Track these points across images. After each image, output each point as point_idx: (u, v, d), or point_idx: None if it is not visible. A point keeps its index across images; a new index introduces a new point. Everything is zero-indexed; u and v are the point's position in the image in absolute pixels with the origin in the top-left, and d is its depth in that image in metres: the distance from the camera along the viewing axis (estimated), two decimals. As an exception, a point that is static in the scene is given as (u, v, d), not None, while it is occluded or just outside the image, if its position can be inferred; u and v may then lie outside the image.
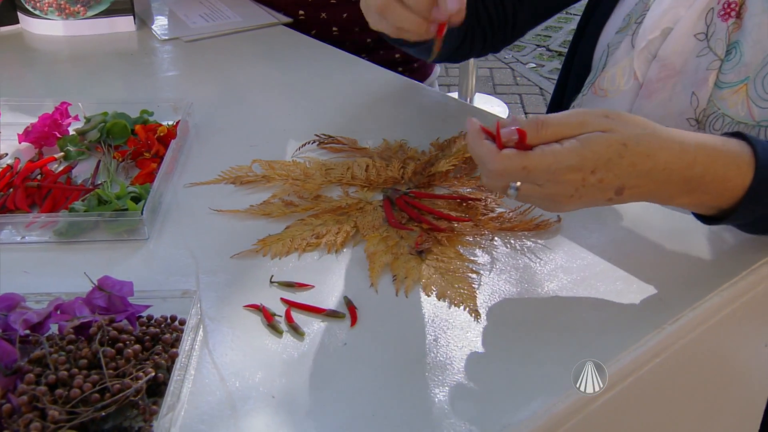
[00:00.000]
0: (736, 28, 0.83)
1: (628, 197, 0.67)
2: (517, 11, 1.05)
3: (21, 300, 0.63)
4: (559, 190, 0.65)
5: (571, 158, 0.64)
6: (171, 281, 0.71)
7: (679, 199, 0.69)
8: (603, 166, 0.64)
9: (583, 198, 0.66)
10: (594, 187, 0.65)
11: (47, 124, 0.89)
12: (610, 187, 0.65)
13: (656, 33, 0.87)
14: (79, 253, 0.75)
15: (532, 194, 0.66)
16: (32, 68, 1.20)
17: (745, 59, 0.82)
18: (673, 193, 0.68)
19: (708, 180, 0.67)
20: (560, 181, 0.64)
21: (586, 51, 0.99)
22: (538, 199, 0.68)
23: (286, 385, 0.59)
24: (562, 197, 0.66)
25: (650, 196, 0.68)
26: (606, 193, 0.66)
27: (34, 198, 0.81)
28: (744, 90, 0.82)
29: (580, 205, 0.67)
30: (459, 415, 0.56)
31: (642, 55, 0.88)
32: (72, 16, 1.27)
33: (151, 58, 1.23)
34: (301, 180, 0.86)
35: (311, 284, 0.70)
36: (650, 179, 0.66)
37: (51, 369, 0.55)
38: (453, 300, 0.67)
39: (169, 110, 0.99)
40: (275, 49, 1.25)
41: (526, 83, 3.92)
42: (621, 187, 0.66)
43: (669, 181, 0.66)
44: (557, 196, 0.66)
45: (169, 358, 0.59)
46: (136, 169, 0.88)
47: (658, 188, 0.67)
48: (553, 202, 0.67)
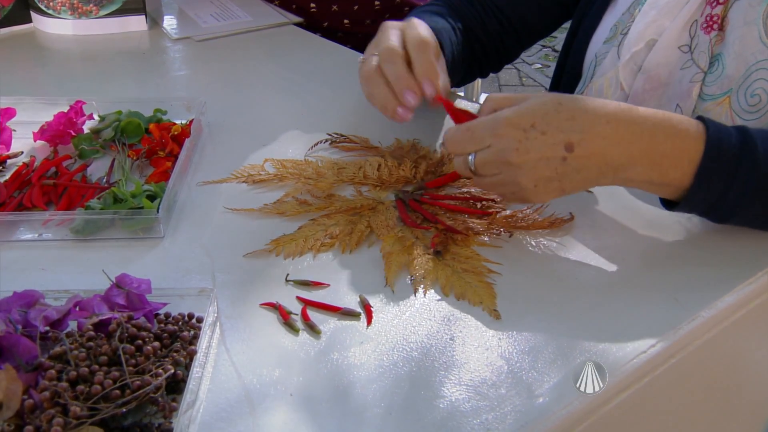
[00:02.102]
0: (718, 40, 0.83)
1: (582, 158, 0.68)
2: (503, 37, 1.08)
3: (40, 297, 0.64)
4: (504, 145, 0.69)
5: (508, 113, 0.69)
6: (187, 279, 0.71)
7: (632, 168, 0.69)
8: (541, 119, 0.68)
9: (532, 154, 0.68)
10: (539, 141, 0.68)
11: (62, 123, 0.90)
12: (557, 142, 0.68)
13: (640, 45, 0.88)
14: (95, 251, 0.75)
15: (488, 161, 0.70)
16: (45, 67, 1.21)
17: (728, 72, 0.82)
18: (624, 157, 0.69)
19: (658, 143, 0.69)
20: (502, 134, 0.69)
21: (576, 59, 1.00)
22: (495, 165, 0.70)
23: (303, 383, 0.60)
24: (510, 154, 0.68)
25: (603, 158, 0.69)
26: (555, 149, 0.68)
27: (50, 196, 0.81)
28: (727, 102, 0.83)
29: (540, 175, 0.69)
30: (476, 415, 0.57)
31: (627, 67, 0.89)
32: (84, 15, 1.27)
33: (162, 57, 1.23)
34: (314, 179, 0.86)
35: (326, 283, 0.70)
36: (596, 134, 0.68)
37: (72, 365, 0.56)
38: (472, 300, 0.67)
39: (182, 109, 1.00)
40: (286, 48, 1.25)
41: (532, 83, 3.92)
42: (569, 142, 0.68)
43: (617, 137, 0.68)
44: (506, 153, 0.69)
45: (188, 356, 0.59)
46: (151, 167, 0.88)
47: (608, 146, 0.68)
48: (511, 168, 0.69)
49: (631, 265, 0.73)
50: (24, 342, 0.58)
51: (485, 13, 1.06)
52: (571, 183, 0.70)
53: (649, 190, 0.73)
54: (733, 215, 0.72)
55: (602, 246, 0.75)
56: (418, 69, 0.82)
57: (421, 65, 0.81)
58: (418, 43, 0.83)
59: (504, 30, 1.07)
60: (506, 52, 1.10)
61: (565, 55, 1.04)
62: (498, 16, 1.06)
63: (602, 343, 0.63)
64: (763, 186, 0.69)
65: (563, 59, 1.05)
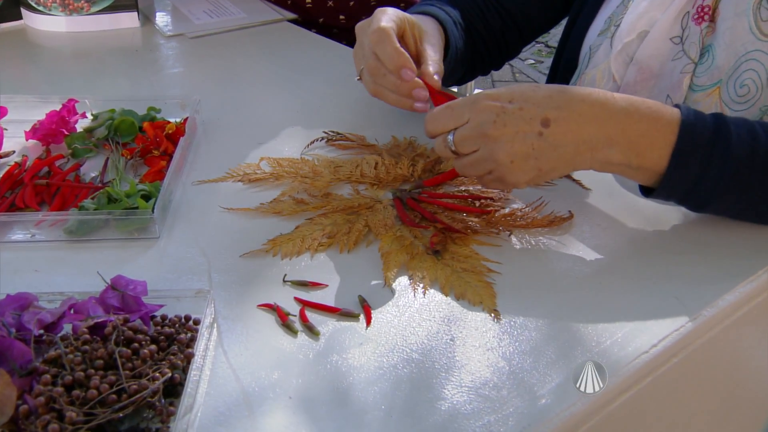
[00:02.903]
0: (709, 31, 0.83)
1: (558, 134, 0.69)
2: (505, 33, 1.08)
3: (34, 299, 0.62)
4: (482, 119, 0.70)
5: (488, 91, 0.72)
6: (183, 280, 0.70)
7: (609, 149, 0.70)
8: (519, 96, 0.70)
9: (509, 127, 0.69)
10: (516, 115, 0.69)
11: (55, 121, 0.89)
12: (533, 117, 0.69)
13: (632, 36, 0.88)
14: (89, 252, 0.74)
15: (466, 136, 0.71)
16: (35, 65, 1.20)
17: (717, 62, 0.82)
18: (601, 136, 0.69)
19: (633, 123, 0.69)
20: (481, 109, 0.70)
21: (572, 51, 1.00)
22: (473, 140, 0.71)
23: (302, 385, 0.59)
24: (488, 126, 0.69)
25: (579, 134, 0.69)
26: (532, 123, 0.69)
27: (43, 196, 0.80)
28: (717, 93, 0.83)
29: (516, 150, 0.69)
30: (477, 417, 0.56)
31: (619, 58, 0.89)
32: (76, 12, 1.26)
33: (155, 55, 1.22)
34: (310, 178, 0.85)
35: (324, 283, 0.70)
36: (572, 110, 0.69)
37: (67, 370, 0.55)
38: (472, 300, 0.67)
39: (176, 107, 0.99)
40: (280, 45, 1.24)
41: (525, 79, 3.91)
42: (545, 118, 0.69)
43: (592, 114, 0.69)
44: (484, 126, 0.70)
45: (185, 359, 0.58)
46: (145, 166, 0.87)
47: (584, 123, 0.69)
48: (488, 142, 0.70)
49: (631, 264, 0.72)
50: (18, 346, 0.57)
51: (486, 8, 1.05)
52: (548, 161, 0.70)
53: (626, 174, 0.73)
54: (709, 201, 0.72)
55: (601, 245, 0.75)
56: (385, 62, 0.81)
57: (385, 56, 0.81)
58: (377, 34, 0.81)
59: (505, 25, 1.07)
60: (507, 47, 1.10)
61: (561, 48, 1.04)
62: (499, 11, 1.06)
63: (604, 342, 0.62)
64: (737, 170, 0.70)
65: (560, 52, 1.05)
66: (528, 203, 0.80)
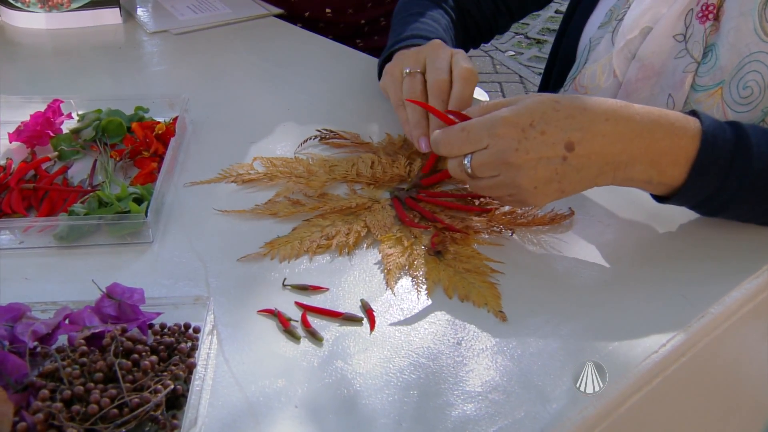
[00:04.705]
0: (713, 30, 0.82)
1: (582, 157, 0.67)
2: (497, 15, 1.08)
3: (26, 310, 0.60)
4: (503, 146, 0.66)
5: (504, 112, 0.67)
6: (179, 286, 0.68)
7: (632, 167, 0.68)
8: (539, 118, 0.67)
9: (532, 154, 0.66)
10: (538, 141, 0.66)
11: (40, 123, 0.86)
12: (557, 141, 0.66)
13: (635, 32, 0.86)
14: (80, 258, 0.72)
15: (486, 162, 0.68)
16: (15, 63, 1.16)
17: (721, 62, 0.81)
18: (625, 155, 0.67)
19: (656, 141, 0.67)
20: (500, 134, 0.67)
21: (570, 43, 0.98)
22: (493, 166, 0.68)
23: (308, 393, 0.57)
24: (510, 154, 0.66)
25: (603, 156, 0.67)
26: (556, 148, 0.66)
27: (30, 200, 0.78)
28: (719, 93, 0.82)
29: (540, 176, 0.67)
30: (490, 423, 0.55)
31: (621, 54, 0.88)
32: (55, 8, 1.22)
33: (139, 52, 1.19)
34: (305, 177, 0.83)
35: (325, 287, 0.68)
36: (596, 132, 0.67)
37: (65, 384, 0.53)
38: (477, 302, 0.65)
39: (164, 106, 0.96)
40: (267, 41, 1.22)
41: (506, 71, 3.91)
42: (569, 141, 0.66)
43: (616, 134, 0.67)
44: (505, 153, 0.66)
45: (187, 369, 0.56)
46: (134, 168, 0.85)
47: (608, 145, 0.67)
48: (510, 169, 0.67)
49: (635, 262, 0.71)
50: (12, 359, 0.55)
51: None
52: (570, 183, 0.68)
53: (645, 189, 0.72)
54: (723, 210, 0.72)
55: (604, 242, 0.74)
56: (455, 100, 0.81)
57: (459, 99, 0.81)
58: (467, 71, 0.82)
59: (498, 10, 1.07)
60: (498, 27, 1.11)
61: (559, 41, 1.03)
62: None
63: (612, 343, 0.62)
64: (755, 183, 0.69)
65: (557, 44, 1.04)
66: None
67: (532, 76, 3.77)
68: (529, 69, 3.88)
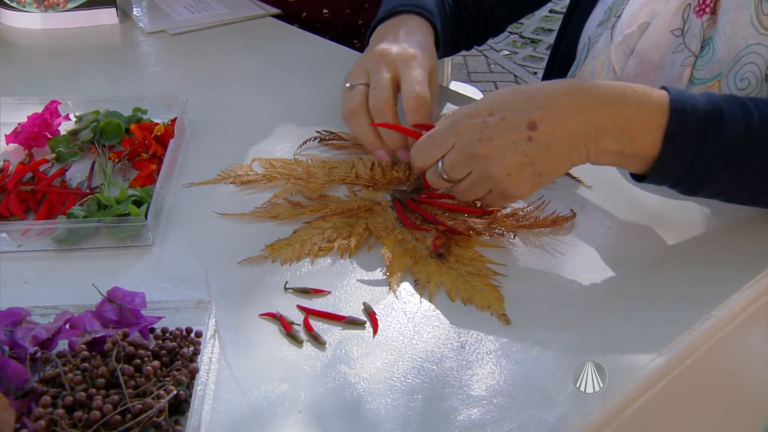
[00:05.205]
0: (710, 24, 0.82)
1: (547, 134, 0.67)
2: (495, 11, 1.07)
3: (26, 314, 0.60)
4: (466, 139, 0.68)
5: (464, 109, 0.70)
6: (180, 289, 0.68)
7: (601, 138, 0.67)
8: (497, 106, 0.68)
9: (496, 141, 0.67)
10: (499, 127, 0.67)
11: (37, 124, 0.85)
12: (518, 123, 0.67)
13: (633, 27, 0.86)
14: (80, 261, 0.71)
15: (455, 161, 0.69)
16: (10, 64, 1.15)
17: (718, 55, 0.81)
18: (591, 126, 0.67)
19: (621, 108, 0.67)
20: (463, 130, 0.68)
21: (571, 42, 0.98)
22: (463, 163, 0.69)
23: (311, 398, 0.57)
24: (474, 145, 0.68)
25: (569, 128, 0.67)
26: (519, 131, 0.67)
27: (29, 203, 0.77)
28: (717, 86, 0.82)
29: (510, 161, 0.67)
30: (496, 427, 0.54)
31: (620, 49, 0.88)
32: (51, 8, 1.22)
33: (136, 52, 1.19)
34: (304, 179, 0.83)
35: (327, 290, 0.68)
36: (556, 106, 0.67)
37: (67, 389, 0.52)
38: (480, 305, 0.65)
39: (162, 107, 0.95)
40: (264, 41, 1.21)
41: (501, 70, 3.91)
42: (530, 120, 0.67)
43: (577, 106, 0.67)
44: (470, 146, 0.68)
45: (189, 374, 0.56)
46: (133, 170, 0.84)
47: (571, 117, 0.67)
48: (479, 162, 0.68)
49: (638, 264, 0.71)
50: (12, 365, 0.54)
51: None
52: (545, 164, 0.68)
53: (622, 163, 0.71)
54: (704, 184, 0.69)
55: (607, 244, 0.73)
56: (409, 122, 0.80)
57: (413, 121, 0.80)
58: (415, 100, 0.80)
59: (498, 4, 1.06)
60: (495, 25, 1.09)
61: (559, 39, 1.03)
62: None
63: (617, 346, 0.61)
64: (732, 149, 0.67)
65: (558, 43, 1.03)
66: (529, 202, 0.78)
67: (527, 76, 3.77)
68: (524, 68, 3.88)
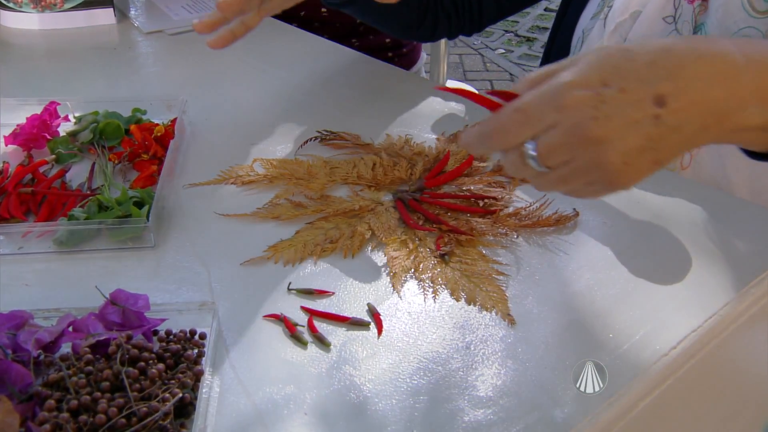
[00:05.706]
0: (702, 10, 0.82)
1: (679, 111, 0.52)
2: (482, 1, 1.04)
3: (29, 317, 0.59)
4: (577, 118, 0.52)
5: (566, 77, 0.53)
6: (182, 291, 0.67)
7: (742, 112, 0.54)
8: (613, 73, 0.52)
9: (616, 120, 0.52)
10: (620, 102, 0.52)
11: (36, 126, 0.85)
12: (642, 97, 0.52)
13: (625, 15, 0.86)
14: (81, 264, 0.71)
15: (557, 144, 0.53)
16: (7, 65, 1.15)
17: None
18: (733, 99, 0.54)
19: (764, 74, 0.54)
20: (569, 105, 0.52)
21: (565, 37, 0.98)
22: (568, 148, 0.53)
23: (317, 400, 0.57)
24: (588, 126, 0.52)
25: (706, 104, 0.53)
26: (642, 107, 0.52)
27: (29, 205, 0.77)
28: None
29: (630, 146, 0.52)
30: (502, 428, 0.54)
31: (613, 38, 0.88)
32: (48, 8, 1.21)
33: (134, 53, 1.18)
34: (305, 179, 0.83)
35: (331, 291, 0.67)
36: (689, 76, 0.53)
37: (71, 393, 0.52)
38: (484, 305, 0.65)
39: (161, 108, 0.95)
40: (263, 40, 1.20)
41: (496, 69, 3.91)
42: (658, 94, 0.52)
43: (715, 73, 0.53)
44: (582, 127, 0.52)
45: (194, 377, 0.55)
46: (133, 171, 0.84)
47: (709, 88, 0.53)
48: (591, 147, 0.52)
49: (642, 262, 0.71)
50: (16, 368, 0.54)
51: None
52: (668, 149, 0.54)
53: (755, 140, 0.59)
54: None
55: (611, 244, 0.73)
56: None
57: None
58: None
59: None
60: (480, 13, 1.06)
61: (553, 37, 1.03)
62: None
63: (622, 345, 0.61)
64: None
65: (552, 39, 1.03)
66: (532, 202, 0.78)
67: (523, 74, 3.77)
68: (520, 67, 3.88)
